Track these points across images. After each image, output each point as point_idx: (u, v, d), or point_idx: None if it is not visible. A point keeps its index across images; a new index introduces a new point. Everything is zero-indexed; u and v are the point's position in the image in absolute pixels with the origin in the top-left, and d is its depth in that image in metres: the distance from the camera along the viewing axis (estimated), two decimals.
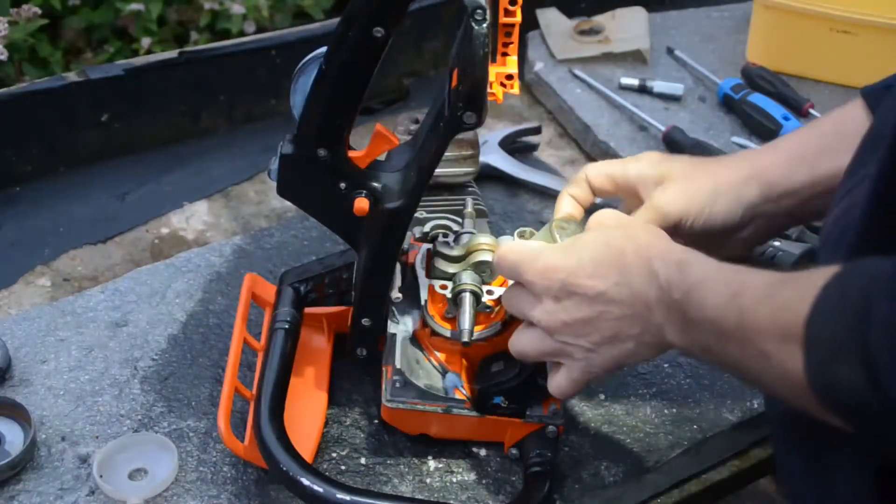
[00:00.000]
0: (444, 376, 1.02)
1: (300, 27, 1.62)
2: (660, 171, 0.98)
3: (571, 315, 0.86)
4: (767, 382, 0.75)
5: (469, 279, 1.00)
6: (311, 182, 0.96)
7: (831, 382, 0.66)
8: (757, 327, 0.72)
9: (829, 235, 0.84)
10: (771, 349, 0.70)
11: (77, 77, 1.41)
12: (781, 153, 0.98)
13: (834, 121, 0.98)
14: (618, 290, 0.84)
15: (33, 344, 1.12)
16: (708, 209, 0.96)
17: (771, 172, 0.96)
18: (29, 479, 0.98)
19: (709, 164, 1.00)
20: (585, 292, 0.85)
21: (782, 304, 0.70)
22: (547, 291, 0.87)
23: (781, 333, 0.69)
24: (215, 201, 1.42)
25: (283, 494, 0.97)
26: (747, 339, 0.73)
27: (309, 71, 0.93)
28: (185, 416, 1.05)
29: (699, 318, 0.78)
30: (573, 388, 0.92)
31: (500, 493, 1.00)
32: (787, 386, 0.71)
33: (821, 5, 1.50)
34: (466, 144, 1.22)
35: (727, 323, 0.75)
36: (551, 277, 0.87)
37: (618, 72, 1.61)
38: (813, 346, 0.67)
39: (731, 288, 0.76)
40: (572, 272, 0.86)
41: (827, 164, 0.95)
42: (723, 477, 1.04)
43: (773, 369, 0.71)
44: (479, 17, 0.84)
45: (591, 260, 0.86)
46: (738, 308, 0.74)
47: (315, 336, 1.10)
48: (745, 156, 1.00)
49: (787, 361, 0.69)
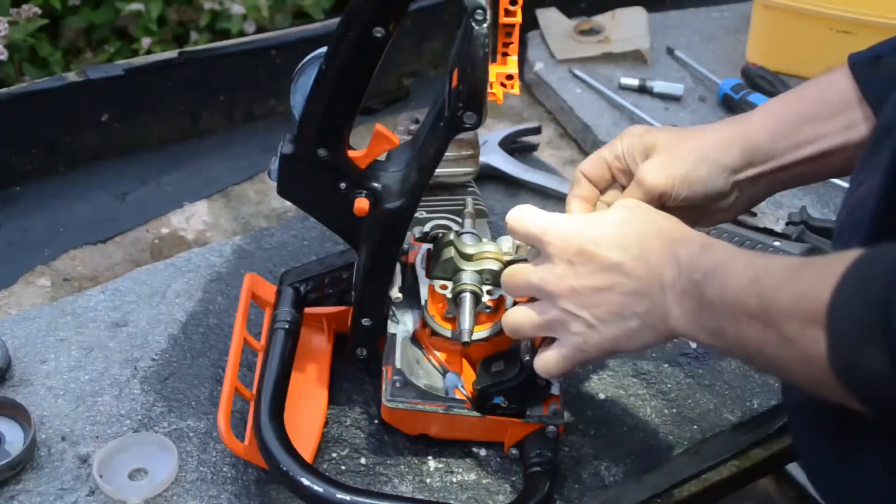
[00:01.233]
0: (444, 376, 1.02)
1: (300, 27, 1.62)
2: (645, 143, 0.98)
3: (582, 282, 0.86)
4: (788, 367, 0.74)
5: (469, 279, 1.00)
6: (311, 182, 0.96)
7: (855, 367, 0.66)
8: (780, 311, 0.72)
9: (842, 228, 0.84)
10: (793, 333, 0.70)
11: (77, 77, 1.41)
12: (764, 118, 0.98)
13: (819, 87, 0.98)
14: (635, 264, 0.85)
15: (33, 344, 1.12)
16: (691, 176, 0.96)
17: (753, 136, 0.96)
18: (29, 479, 0.98)
19: (692, 131, 0.99)
20: (602, 261, 0.86)
21: (804, 288, 0.70)
22: (562, 254, 0.87)
23: (804, 317, 0.69)
24: (215, 201, 1.42)
25: (283, 494, 0.97)
26: (769, 323, 0.73)
27: (309, 71, 0.93)
28: (185, 416, 1.05)
29: (717, 299, 0.78)
30: (562, 366, 0.91)
31: (500, 493, 1.00)
32: (809, 370, 0.70)
33: (821, 5, 1.50)
34: (466, 144, 1.22)
35: (748, 306, 0.75)
36: (571, 241, 0.87)
37: (618, 72, 1.61)
38: (836, 331, 0.66)
39: (752, 270, 0.76)
40: (592, 239, 0.87)
41: (809, 131, 0.95)
42: (723, 477, 1.04)
43: (795, 353, 0.71)
44: (480, 17, 0.84)
45: (613, 232, 0.87)
46: (759, 291, 0.74)
47: (315, 336, 1.10)
48: (728, 121, 1.00)
49: (810, 345, 0.68)
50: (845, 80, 0.96)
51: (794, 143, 0.96)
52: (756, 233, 1.25)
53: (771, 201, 1.34)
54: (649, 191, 0.95)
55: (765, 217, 1.31)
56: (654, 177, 0.95)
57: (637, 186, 0.96)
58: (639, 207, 0.91)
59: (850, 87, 0.95)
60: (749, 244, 1.23)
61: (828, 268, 0.69)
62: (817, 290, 0.68)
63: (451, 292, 1.01)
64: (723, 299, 0.78)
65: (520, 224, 0.92)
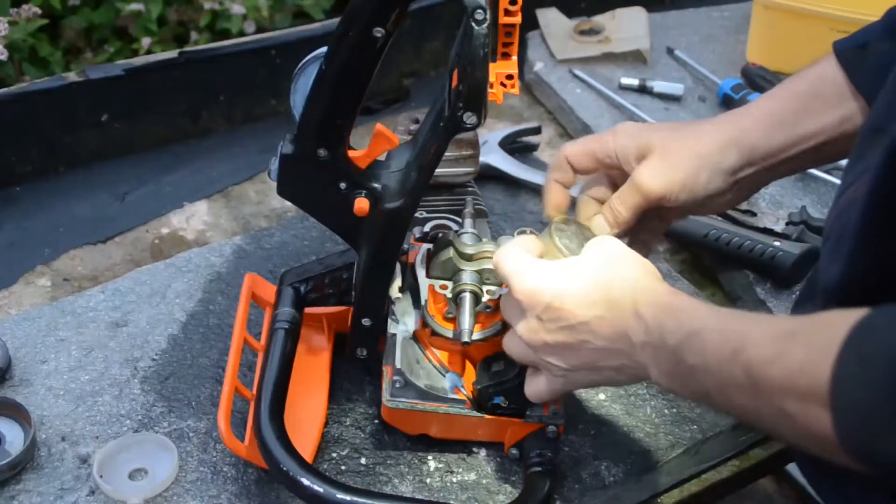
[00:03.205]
0: (444, 376, 1.02)
1: (300, 27, 1.62)
2: (639, 143, 0.97)
3: (553, 337, 0.87)
4: (789, 436, 0.73)
5: (469, 279, 1.00)
6: (311, 182, 0.96)
7: (870, 448, 0.64)
8: (772, 387, 0.70)
9: (831, 231, 0.84)
10: (792, 409, 0.69)
11: (77, 77, 1.41)
12: (759, 117, 0.97)
13: (810, 81, 0.97)
14: (600, 323, 0.84)
15: (33, 344, 1.12)
16: (691, 182, 0.95)
17: (750, 136, 0.96)
18: (29, 479, 0.98)
19: (687, 133, 0.98)
20: (568, 318, 0.85)
21: (797, 365, 0.68)
22: (531, 309, 0.88)
23: (802, 394, 0.67)
24: (215, 201, 1.42)
25: (283, 494, 0.97)
26: (761, 396, 0.71)
27: (309, 71, 0.93)
28: (185, 416, 1.05)
29: (699, 366, 0.77)
30: (550, 397, 0.94)
31: (500, 493, 1.00)
32: (811, 441, 0.69)
33: (821, 5, 1.50)
34: (466, 144, 1.22)
35: (734, 376, 0.73)
36: (537, 299, 0.87)
37: (618, 72, 1.61)
38: (844, 414, 0.65)
39: (731, 343, 0.74)
40: (557, 296, 0.86)
41: (804, 126, 0.95)
42: (723, 477, 1.04)
43: (796, 426, 0.69)
44: (479, 18, 0.84)
45: (578, 288, 0.86)
46: (744, 364, 0.72)
47: (315, 336, 1.10)
48: (723, 120, 0.99)
49: (813, 423, 0.67)
50: (835, 70, 0.95)
51: (791, 140, 0.96)
52: (756, 233, 1.25)
53: (771, 201, 1.34)
54: (647, 195, 0.95)
55: (765, 217, 1.31)
56: (652, 183, 0.95)
57: (635, 190, 0.96)
58: (606, 254, 0.88)
59: (841, 79, 0.95)
60: (749, 244, 1.23)
61: (818, 341, 0.67)
62: (812, 368, 0.66)
63: (451, 292, 1.01)
64: (706, 367, 0.76)
65: (497, 269, 0.92)
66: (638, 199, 0.96)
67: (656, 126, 1.01)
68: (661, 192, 0.95)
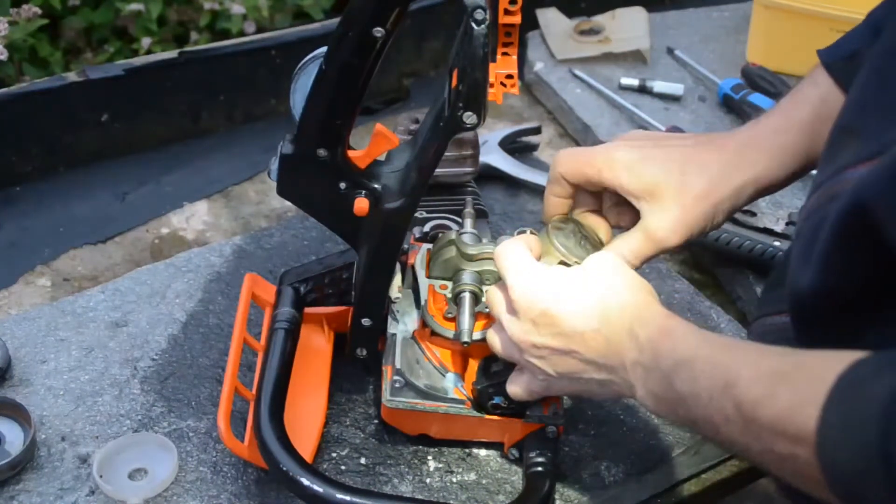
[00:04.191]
0: (444, 376, 1.02)
1: (300, 27, 1.63)
2: (643, 184, 0.92)
3: (544, 341, 0.87)
4: (777, 471, 0.73)
5: (469, 279, 1.00)
6: (311, 182, 0.96)
7: (858, 496, 0.64)
8: (762, 426, 0.70)
9: (801, 230, 0.83)
10: (781, 450, 0.69)
11: (77, 77, 1.42)
12: (771, 154, 0.95)
13: (814, 106, 0.95)
14: (595, 335, 0.84)
15: (33, 344, 1.12)
16: (707, 227, 0.94)
17: (767, 176, 0.94)
18: (29, 479, 0.98)
19: (700, 179, 0.93)
20: (562, 326, 0.85)
21: (786, 408, 0.68)
22: (526, 312, 0.87)
23: (791, 438, 0.68)
24: (215, 201, 1.42)
25: (283, 494, 0.97)
26: (751, 433, 0.71)
27: (309, 71, 0.93)
28: (185, 416, 1.05)
29: (689, 395, 0.77)
30: (530, 397, 0.94)
31: (500, 493, 1.00)
32: (802, 480, 0.69)
33: (821, 5, 1.50)
34: (466, 144, 1.22)
35: (725, 409, 0.73)
36: (534, 302, 0.86)
37: (618, 72, 1.61)
38: (832, 463, 0.65)
39: (722, 376, 0.74)
40: (556, 302, 0.85)
41: (814, 152, 0.94)
42: (723, 477, 1.04)
43: (784, 465, 0.70)
44: (479, 17, 0.84)
45: (577, 298, 0.85)
46: (735, 400, 0.72)
47: (315, 336, 1.10)
48: (734, 163, 0.94)
49: (802, 465, 0.67)
50: (831, 88, 0.94)
51: (802, 167, 0.95)
52: (756, 233, 1.25)
53: (771, 201, 1.34)
54: (662, 244, 0.93)
55: (765, 217, 1.31)
56: (668, 234, 0.92)
57: (648, 240, 0.93)
58: (607, 270, 0.87)
59: (841, 98, 0.93)
60: (749, 244, 1.23)
61: (806, 385, 0.67)
62: (800, 412, 0.67)
63: (451, 292, 1.01)
64: (696, 397, 0.76)
65: (497, 263, 0.92)
66: (651, 249, 0.93)
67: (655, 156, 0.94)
68: (678, 244, 0.93)
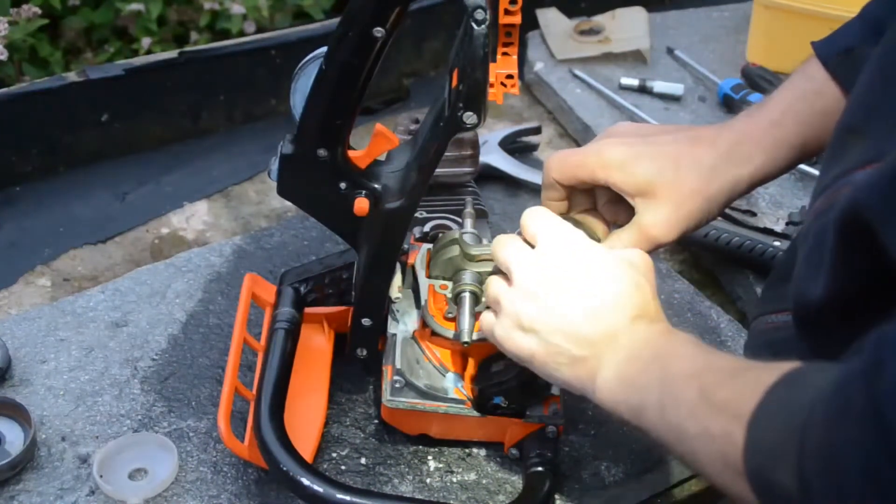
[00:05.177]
0: (444, 376, 1.02)
1: (300, 27, 1.62)
2: (637, 182, 0.93)
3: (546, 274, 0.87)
4: (704, 461, 0.74)
5: (469, 279, 1.00)
6: (311, 182, 0.96)
7: (767, 480, 0.66)
8: (711, 404, 0.72)
9: (808, 231, 0.83)
10: (715, 429, 0.71)
11: (77, 77, 1.42)
12: (765, 149, 0.95)
13: (807, 99, 0.95)
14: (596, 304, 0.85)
15: (33, 344, 1.12)
16: (702, 222, 0.95)
17: (759, 172, 0.95)
18: (29, 479, 0.98)
19: (693, 175, 0.93)
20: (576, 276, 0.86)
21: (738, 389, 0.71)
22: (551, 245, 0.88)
23: (731, 416, 0.70)
24: (215, 201, 1.42)
25: (283, 494, 0.97)
26: (698, 413, 0.73)
27: (309, 71, 0.93)
28: (185, 416, 1.05)
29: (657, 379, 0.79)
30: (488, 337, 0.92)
31: (500, 493, 1.00)
32: (722, 469, 0.71)
33: (821, 5, 1.50)
34: (466, 144, 1.23)
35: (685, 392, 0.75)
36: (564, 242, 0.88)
37: (618, 72, 1.61)
38: (755, 439, 0.67)
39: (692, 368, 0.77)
40: (585, 254, 0.88)
41: (808, 146, 0.95)
42: None
43: (711, 444, 0.72)
44: (480, 17, 0.84)
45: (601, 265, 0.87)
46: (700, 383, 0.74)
47: (315, 336, 1.10)
48: (728, 158, 0.94)
49: (729, 445, 0.69)
50: (826, 82, 0.95)
51: (798, 160, 0.96)
52: (756, 233, 1.25)
53: (771, 201, 1.34)
54: (655, 240, 0.94)
55: (765, 217, 1.31)
56: (664, 231, 0.93)
57: (641, 235, 0.94)
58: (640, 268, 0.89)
59: (835, 92, 0.93)
60: (749, 244, 1.23)
61: (763, 374, 0.69)
62: (748, 395, 0.68)
63: (451, 292, 1.01)
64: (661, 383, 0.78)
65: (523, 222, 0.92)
66: (647, 245, 0.94)
67: (647, 153, 0.94)
68: (673, 239, 0.94)
